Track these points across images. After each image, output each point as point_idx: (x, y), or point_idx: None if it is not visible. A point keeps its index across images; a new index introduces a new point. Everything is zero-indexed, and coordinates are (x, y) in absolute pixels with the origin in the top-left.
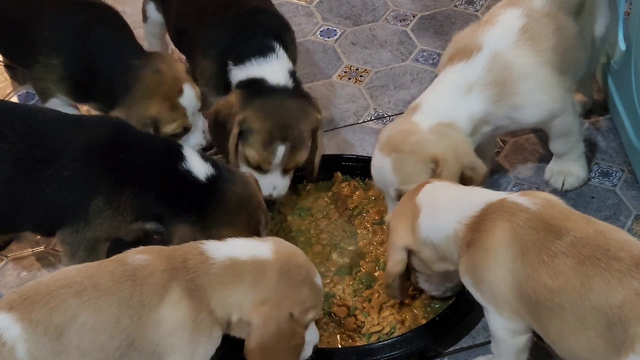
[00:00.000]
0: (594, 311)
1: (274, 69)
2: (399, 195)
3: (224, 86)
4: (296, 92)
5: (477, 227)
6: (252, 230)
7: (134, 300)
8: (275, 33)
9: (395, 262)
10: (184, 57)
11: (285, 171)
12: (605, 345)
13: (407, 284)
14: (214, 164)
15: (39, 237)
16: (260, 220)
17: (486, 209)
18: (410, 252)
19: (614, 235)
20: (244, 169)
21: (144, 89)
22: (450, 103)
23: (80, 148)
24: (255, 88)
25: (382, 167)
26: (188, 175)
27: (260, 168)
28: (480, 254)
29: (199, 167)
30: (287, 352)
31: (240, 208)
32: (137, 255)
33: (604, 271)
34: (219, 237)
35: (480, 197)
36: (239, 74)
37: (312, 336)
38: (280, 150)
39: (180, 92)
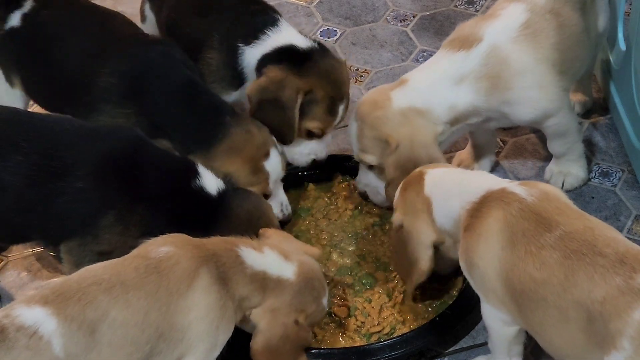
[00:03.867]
0: (576, 305)
1: (294, 34)
2: (360, 160)
3: (233, 76)
4: (321, 47)
5: (475, 213)
6: None
7: (161, 291)
8: (275, 14)
9: (426, 260)
10: None
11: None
12: (586, 339)
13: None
14: (226, 182)
15: None
16: None
17: (485, 196)
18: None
19: (602, 232)
20: (299, 142)
21: (231, 145)
22: (434, 89)
23: (95, 162)
24: (292, 56)
25: (350, 129)
26: (201, 191)
27: (319, 135)
28: (473, 239)
29: (212, 183)
30: (293, 352)
31: (247, 226)
32: (160, 248)
33: (588, 266)
34: None
35: (482, 183)
36: (257, 50)
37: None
38: (341, 110)
39: (266, 155)
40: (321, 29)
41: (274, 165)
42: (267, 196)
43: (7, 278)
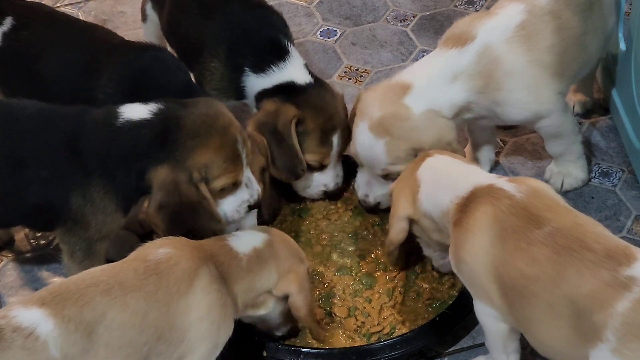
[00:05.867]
0: (565, 300)
1: (297, 70)
2: (386, 174)
3: (235, 89)
4: (318, 82)
5: (464, 208)
6: (230, 150)
7: (161, 292)
8: (282, 30)
9: (398, 230)
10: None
11: (339, 158)
12: (574, 335)
13: (405, 253)
14: (163, 100)
15: (39, 236)
16: (236, 138)
17: (475, 192)
18: (411, 221)
19: (592, 229)
20: (307, 177)
21: None
22: (437, 90)
23: (51, 146)
24: (289, 91)
25: (373, 146)
26: (129, 124)
27: (317, 167)
28: (462, 234)
29: (136, 110)
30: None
31: (207, 128)
32: (159, 250)
33: (577, 261)
34: (196, 164)
35: (471, 178)
36: (261, 82)
37: None
38: (335, 140)
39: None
40: (321, 29)
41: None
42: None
43: (7, 278)
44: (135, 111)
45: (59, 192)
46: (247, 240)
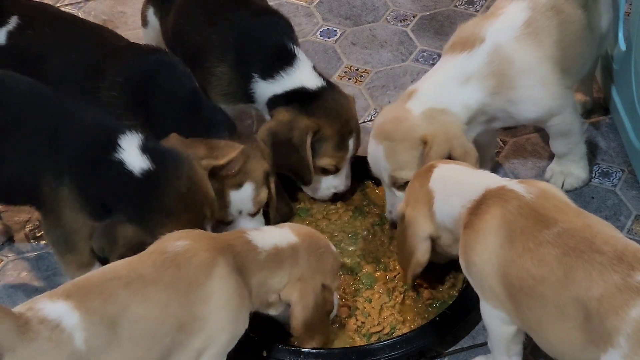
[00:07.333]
0: (574, 302)
1: (306, 75)
2: (393, 182)
3: (243, 94)
4: (329, 85)
5: (474, 211)
6: (196, 226)
7: (180, 283)
8: (288, 35)
9: (423, 252)
10: None
11: (350, 160)
12: (583, 337)
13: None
14: (156, 156)
15: (38, 236)
16: (206, 215)
17: (485, 195)
18: (432, 239)
19: (601, 230)
20: (317, 179)
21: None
22: (445, 91)
23: (31, 131)
24: (301, 98)
25: (375, 154)
26: (120, 166)
27: (333, 171)
28: (471, 236)
29: (134, 160)
30: (323, 320)
31: (183, 206)
32: (177, 242)
33: (586, 263)
34: (163, 233)
35: (482, 182)
36: (270, 88)
37: (335, 299)
38: (351, 144)
39: (239, 186)
40: (321, 29)
41: (238, 197)
42: (225, 223)
43: (7, 278)
44: (132, 159)
45: (33, 177)
46: (271, 236)
